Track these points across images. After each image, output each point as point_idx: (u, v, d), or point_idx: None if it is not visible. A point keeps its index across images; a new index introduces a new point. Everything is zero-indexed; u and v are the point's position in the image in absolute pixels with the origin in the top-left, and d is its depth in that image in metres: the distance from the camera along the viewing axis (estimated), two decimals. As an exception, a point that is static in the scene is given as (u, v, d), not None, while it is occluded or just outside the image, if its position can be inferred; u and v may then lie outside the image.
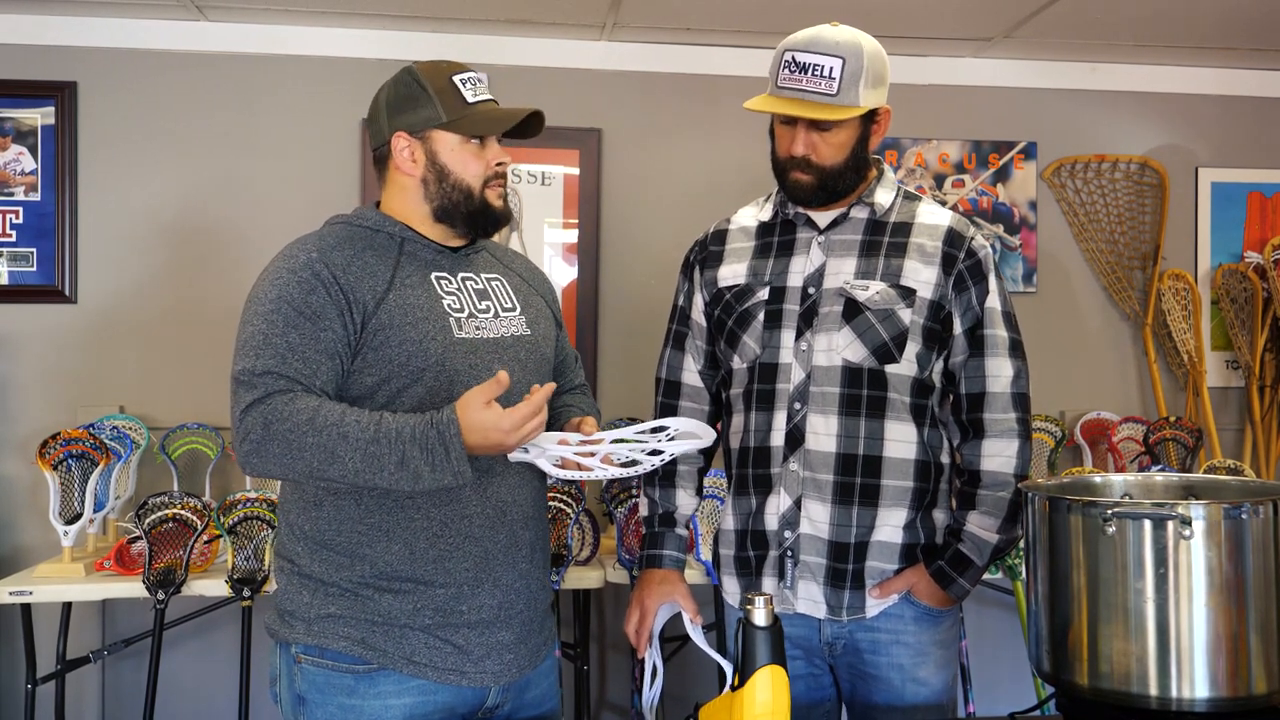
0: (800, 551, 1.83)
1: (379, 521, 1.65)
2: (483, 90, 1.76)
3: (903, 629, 1.85)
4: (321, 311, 1.62)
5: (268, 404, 1.57)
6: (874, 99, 1.82)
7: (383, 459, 1.54)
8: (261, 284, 1.67)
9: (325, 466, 1.55)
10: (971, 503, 1.87)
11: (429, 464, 1.54)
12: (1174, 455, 3.42)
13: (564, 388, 1.96)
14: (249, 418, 1.57)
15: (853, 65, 1.77)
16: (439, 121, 1.71)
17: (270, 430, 1.55)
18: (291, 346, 1.60)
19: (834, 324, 1.83)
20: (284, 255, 1.69)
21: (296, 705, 1.68)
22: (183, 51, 3.28)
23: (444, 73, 1.74)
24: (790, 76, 1.79)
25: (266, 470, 1.60)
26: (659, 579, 1.93)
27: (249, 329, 1.63)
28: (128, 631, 3.01)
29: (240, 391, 1.60)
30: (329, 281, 1.63)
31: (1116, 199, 3.67)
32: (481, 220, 1.76)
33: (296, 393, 1.58)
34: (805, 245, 1.89)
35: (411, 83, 1.73)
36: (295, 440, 1.54)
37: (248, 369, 1.60)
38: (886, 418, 1.83)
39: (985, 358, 1.86)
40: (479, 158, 1.74)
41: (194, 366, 3.24)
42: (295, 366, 1.59)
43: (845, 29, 1.82)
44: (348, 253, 1.68)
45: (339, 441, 1.54)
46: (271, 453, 1.56)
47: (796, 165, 1.83)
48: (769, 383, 1.86)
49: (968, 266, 1.86)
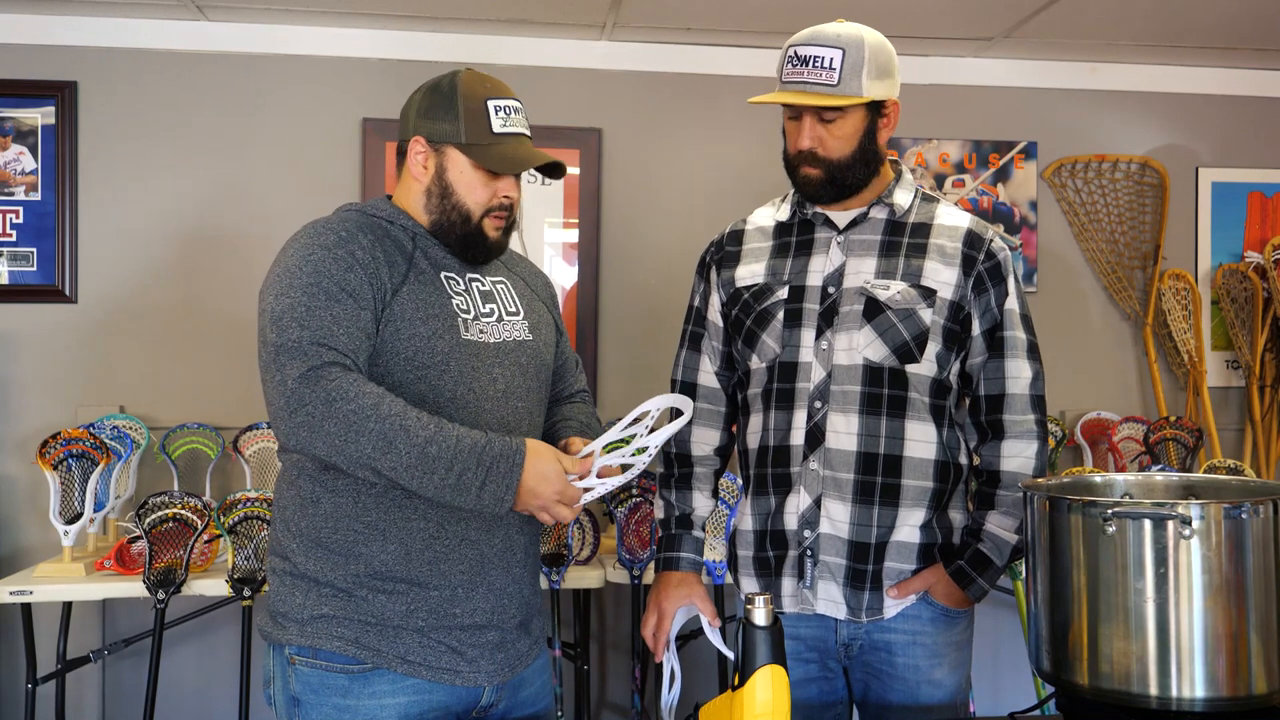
0: (820, 551, 1.83)
1: (375, 521, 1.64)
2: (515, 122, 1.73)
3: (920, 629, 1.85)
4: (359, 291, 1.60)
5: (329, 379, 1.52)
6: (879, 90, 1.82)
7: (439, 462, 1.52)
8: (291, 259, 1.62)
9: (380, 455, 1.51)
10: (991, 503, 1.87)
11: (479, 481, 1.53)
12: (1174, 455, 3.42)
13: (563, 395, 1.95)
14: (305, 389, 1.51)
15: (853, 56, 1.78)
16: (457, 140, 1.70)
17: (333, 409, 1.51)
18: (336, 320, 1.57)
19: (855, 323, 1.83)
20: (307, 234, 1.65)
21: (291, 707, 1.67)
22: (183, 51, 3.28)
23: (482, 93, 1.71)
24: (793, 70, 1.81)
25: (312, 445, 1.53)
26: (676, 581, 1.92)
27: (285, 300, 1.58)
28: (128, 631, 3.01)
29: (287, 360, 1.53)
30: (364, 262, 1.62)
31: (1117, 199, 3.67)
32: (473, 247, 1.74)
33: (356, 373, 1.55)
34: (824, 245, 1.89)
35: (449, 91, 1.71)
36: (358, 423, 1.50)
37: (294, 339, 1.54)
38: (907, 417, 1.83)
39: (1005, 359, 1.87)
40: (487, 187, 1.72)
41: (194, 366, 3.24)
42: (343, 341, 1.56)
43: (849, 24, 1.83)
44: (370, 238, 1.67)
45: (399, 433, 1.51)
46: (327, 430, 1.51)
47: (805, 160, 1.84)
48: (789, 382, 1.86)
49: (987, 268, 1.86)
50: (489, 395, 1.70)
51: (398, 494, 1.64)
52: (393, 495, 1.64)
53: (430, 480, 1.53)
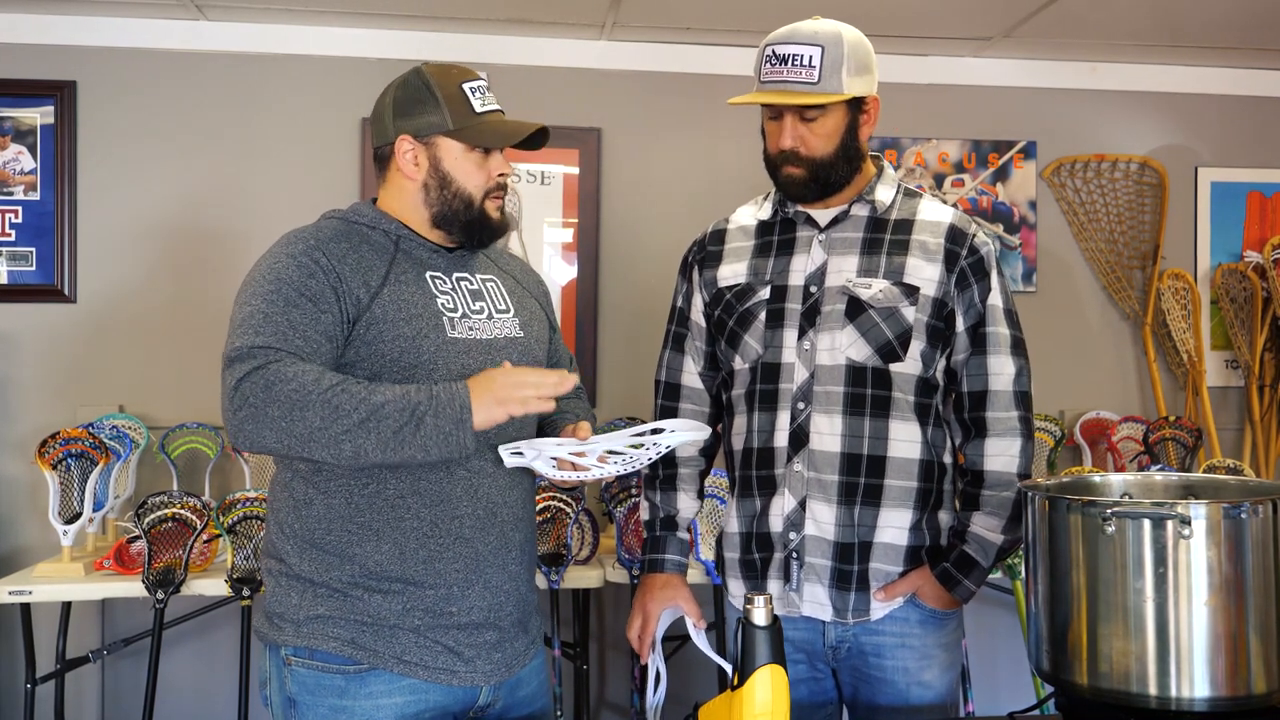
0: (805, 553, 1.82)
1: (369, 521, 1.64)
2: (490, 100, 1.75)
3: (908, 632, 1.84)
4: (320, 295, 1.61)
5: (268, 369, 1.52)
6: (859, 86, 1.82)
7: (387, 406, 1.51)
8: (258, 270, 1.65)
9: (329, 424, 1.50)
10: (975, 503, 1.86)
11: (433, 413, 1.52)
12: (1173, 455, 3.41)
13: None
14: (246, 384, 1.52)
15: (832, 53, 1.78)
16: (445, 129, 1.71)
17: (272, 393, 1.50)
18: (293, 324, 1.58)
19: (837, 322, 1.82)
20: (280, 244, 1.68)
21: (287, 708, 1.67)
22: (183, 51, 3.28)
23: (454, 79, 1.73)
24: (772, 69, 1.80)
25: (261, 438, 1.53)
26: (661, 583, 1.92)
27: (245, 309, 1.60)
28: (127, 631, 3.01)
29: (235, 365, 1.54)
30: (327, 268, 1.63)
31: (1116, 198, 3.67)
32: (479, 230, 1.76)
33: (298, 360, 1.55)
34: (806, 244, 1.89)
35: (421, 85, 1.72)
36: (299, 399, 1.50)
37: (245, 345, 1.55)
38: (891, 417, 1.82)
39: (987, 355, 1.86)
40: (482, 168, 1.73)
41: (194, 366, 3.23)
42: (296, 344, 1.57)
43: (824, 21, 1.83)
44: (344, 245, 1.67)
45: (343, 395, 1.50)
46: (270, 415, 1.50)
47: (787, 159, 1.83)
48: (772, 382, 1.85)
49: (970, 264, 1.85)
50: None
51: (390, 494, 1.64)
52: (385, 495, 1.64)
53: (385, 431, 1.51)
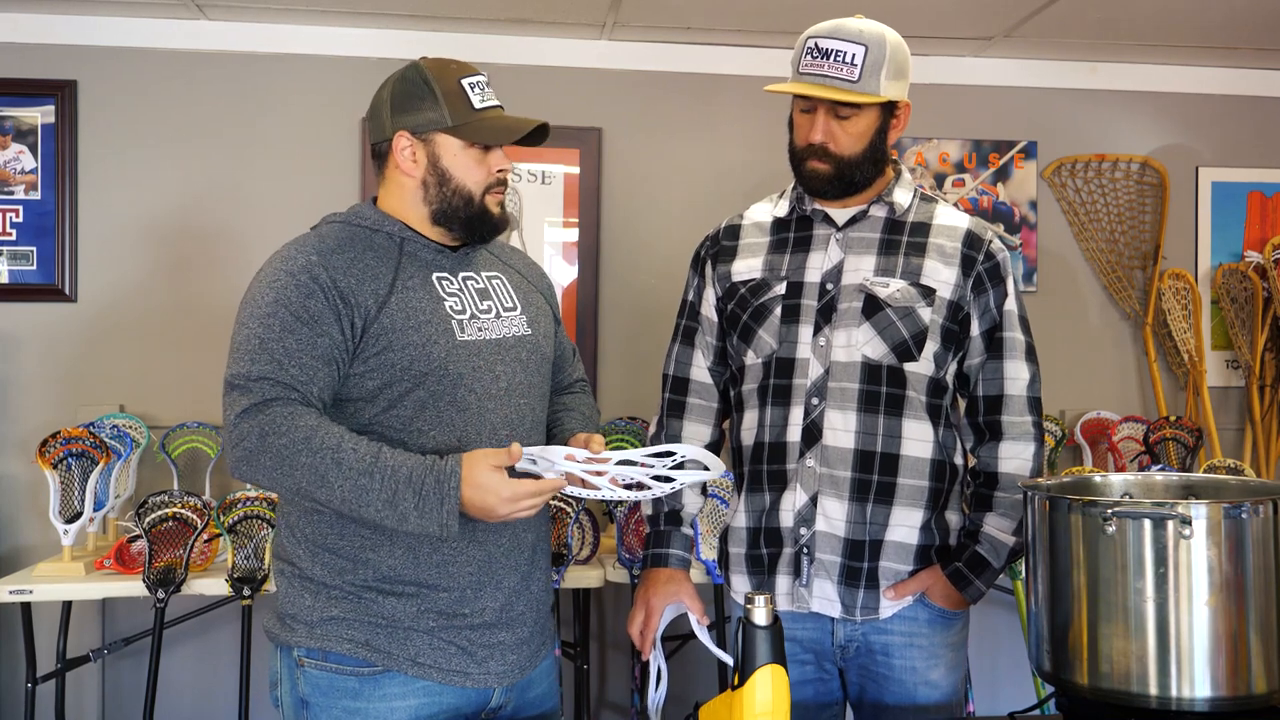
0: (816, 549, 1.82)
1: (380, 526, 1.63)
2: (489, 96, 1.74)
3: (917, 631, 1.84)
4: (319, 316, 1.60)
5: (265, 413, 1.55)
6: (895, 90, 1.82)
7: (372, 493, 1.53)
8: (258, 286, 1.65)
9: (314, 489, 1.54)
10: (988, 504, 1.87)
11: (418, 509, 1.53)
12: (1174, 455, 3.41)
13: (562, 384, 1.95)
14: (244, 424, 1.55)
15: (875, 54, 1.78)
16: (444, 125, 1.69)
17: (266, 442, 1.54)
18: (288, 351, 1.58)
19: (853, 320, 1.82)
20: (281, 257, 1.67)
21: (299, 709, 1.66)
22: (183, 50, 3.28)
23: (453, 75, 1.71)
24: (813, 62, 1.79)
25: (255, 479, 1.59)
26: (665, 578, 1.92)
27: (244, 331, 1.61)
28: (128, 630, 3.01)
29: (234, 395, 1.58)
30: (327, 286, 1.61)
31: (1117, 198, 3.66)
32: (479, 226, 1.75)
33: (296, 405, 1.57)
34: (823, 241, 1.89)
35: (419, 81, 1.70)
36: (289, 457, 1.53)
37: (242, 373, 1.58)
38: (904, 416, 1.82)
39: (1004, 360, 1.86)
40: (482, 164, 1.72)
41: (194, 365, 3.23)
42: (292, 373, 1.58)
43: (869, 21, 1.83)
44: (348, 255, 1.66)
45: (332, 467, 1.52)
46: (263, 464, 1.55)
47: (814, 153, 1.83)
48: (786, 378, 1.85)
49: (987, 269, 1.86)
50: (491, 394, 1.69)
51: None
52: None
53: (367, 510, 1.54)
